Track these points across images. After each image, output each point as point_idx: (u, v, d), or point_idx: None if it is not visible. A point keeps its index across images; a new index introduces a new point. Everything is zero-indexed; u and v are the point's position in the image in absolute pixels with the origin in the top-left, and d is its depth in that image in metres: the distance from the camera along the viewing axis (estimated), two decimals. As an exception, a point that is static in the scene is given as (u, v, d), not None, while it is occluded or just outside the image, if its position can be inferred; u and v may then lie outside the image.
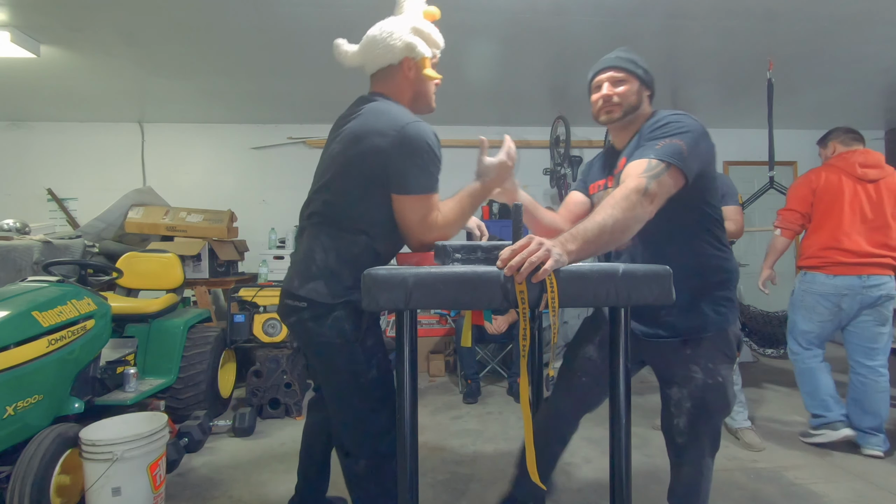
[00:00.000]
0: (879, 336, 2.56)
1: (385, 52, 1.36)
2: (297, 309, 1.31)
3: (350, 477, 1.38)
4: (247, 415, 2.87)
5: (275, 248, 4.53)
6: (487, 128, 5.09)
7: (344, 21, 2.84)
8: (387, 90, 1.40)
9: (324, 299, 1.28)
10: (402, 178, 1.26)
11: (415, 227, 1.30)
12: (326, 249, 1.30)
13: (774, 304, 4.16)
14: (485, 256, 1.16)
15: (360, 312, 1.30)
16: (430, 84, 1.44)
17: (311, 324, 1.29)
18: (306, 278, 1.30)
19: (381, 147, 1.25)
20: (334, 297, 1.28)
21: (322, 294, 1.28)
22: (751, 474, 2.33)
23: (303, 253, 1.35)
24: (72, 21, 2.88)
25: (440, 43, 1.42)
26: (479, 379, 3.76)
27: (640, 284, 1.04)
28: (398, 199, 1.29)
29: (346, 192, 1.31)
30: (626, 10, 2.83)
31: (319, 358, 1.35)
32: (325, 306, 1.28)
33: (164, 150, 4.99)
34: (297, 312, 1.31)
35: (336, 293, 1.28)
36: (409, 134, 1.25)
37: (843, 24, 3.06)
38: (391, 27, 1.35)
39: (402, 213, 1.30)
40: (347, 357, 1.30)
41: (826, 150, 2.85)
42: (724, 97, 4.43)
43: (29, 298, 2.02)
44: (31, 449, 1.73)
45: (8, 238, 3.15)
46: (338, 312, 1.27)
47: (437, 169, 1.32)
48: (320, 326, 1.28)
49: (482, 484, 2.28)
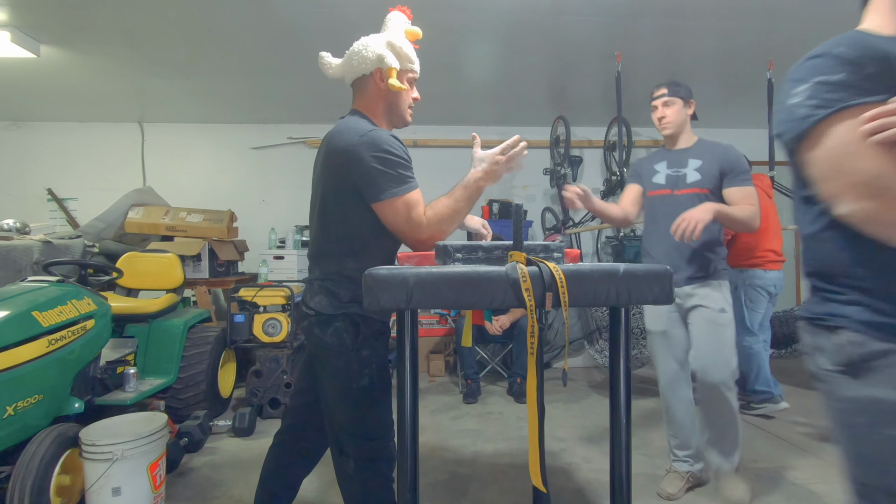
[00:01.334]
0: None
1: (360, 63, 1.42)
2: (307, 315, 1.45)
3: (340, 474, 1.45)
4: (247, 415, 2.87)
5: (275, 248, 4.53)
6: (487, 128, 5.09)
7: (344, 21, 2.84)
8: (362, 103, 1.48)
9: (326, 310, 1.39)
10: (372, 187, 1.31)
11: (403, 228, 1.34)
12: (322, 279, 1.43)
13: (775, 305, 4.16)
14: (485, 256, 1.16)
15: (357, 325, 1.38)
16: (402, 96, 1.47)
17: (317, 330, 1.41)
18: (312, 294, 1.45)
19: (344, 165, 1.32)
20: (335, 308, 1.39)
21: (325, 306, 1.40)
22: (751, 474, 2.33)
23: (309, 276, 1.50)
24: (72, 21, 2.88)
25: (413, 59, 1.46)
26: (479, 379, 3.76)
27: (640, 284, 1.04)
28: (377, 208, 1.33)
29: (330, 218, 1.40)
30: (626, 10, 2.83)
31: (320, 360, 1.44)
32: (327, 316, 1.39)
33: (164, 150, 4.99)
34: (308, 318, 1.45)
35: (336, 306, 1.39)
36: (365, 144, 1.30)
37: (843, 25, 3.04)
38: (367, 40, 1.42)
39: (386, 220, 1.35)
40: (343, 363, 1.38)
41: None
42: (724, 97, 4.43)
43: (29, 298, 2.02)
44: (31, 449, 1.73)
45: (8, 238, 3.15)
46: (338, 323, 1.38)
47: (406, 168, 1.35)
48: (323, 333, 1.39)
49: (482, 484, 2.29)
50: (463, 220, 1.45)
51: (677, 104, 2.15)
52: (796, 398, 3.44)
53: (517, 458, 2.55)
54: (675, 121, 2.15)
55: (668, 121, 2.15)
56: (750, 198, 2.04)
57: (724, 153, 2.11)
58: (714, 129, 5.34)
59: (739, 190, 2.06)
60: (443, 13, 2.81)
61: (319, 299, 1.41)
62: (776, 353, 3.57)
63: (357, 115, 1.44)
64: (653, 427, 2.95)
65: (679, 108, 2.15)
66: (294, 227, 4.65)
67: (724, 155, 2.11)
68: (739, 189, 2.06)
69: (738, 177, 2.08)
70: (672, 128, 2.16)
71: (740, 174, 2.08)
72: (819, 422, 2.98)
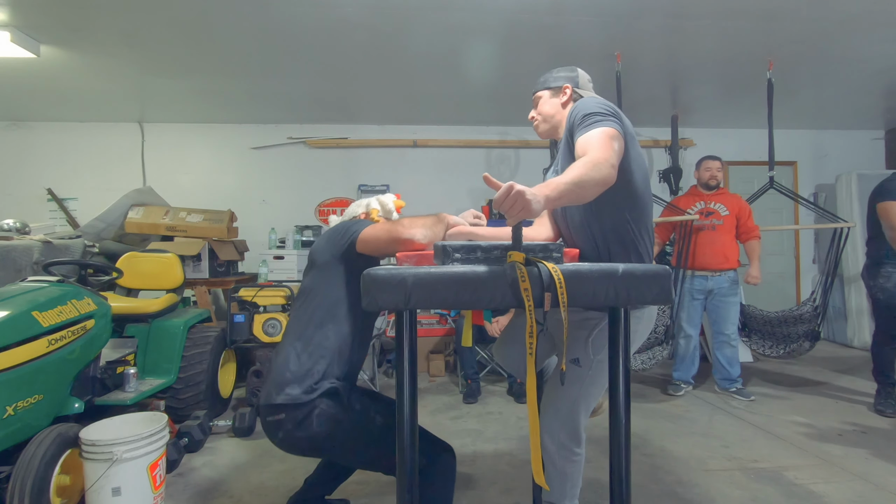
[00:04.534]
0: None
1: (355, 210, 1.76)
2: (279, 423, 1.38)
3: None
4: (247, 415, 2.87)
5: (275, 248, 4.53)
6: (487, 128, 5.10)
7: (344, 21, 2.84)
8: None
9: (301, 400, 1.36)
10: (355, 233, 1.48)
11: (385, 238, 1.43)
12: (300, 354, 1.42)
13: (774, 305, 4.16)
14: (484, 256, 1.16)
15: (338, 394, 1.39)
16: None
17: (300, 433, 1.36)
18: (281, 386, 1.39)
19: (335, 240, 1.52)
20: (310, 393, 1.36)
21: (298, 396, 1.36)
22: (751, 474, 2.33)
23: (279, 364, 1.44)
24: (72, 21, 2.88)
25: (392, 211, 1.73)
26: (479, 379, 3.76)
27: (639, 284, 1.04)
28: (361, 242, 1.46)
29: (312, 292, 1.49)
30: (626, 10, 2.83)
31: (324, 449, 1.45)
32: (304, 406, 1.36)
33: (164, 150, 4.99)
34: (281, 426, 1.38)
35: (310, 389, 1.37)
36: (352, 223, 1.56)
37: (843, 24, 3.06)
38: (362, 201, 1.78)
39: (370, 246, 1.45)
40: (346, 431, 1.39)
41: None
42: (724, 97, 4.43)
43: (29, 298, 2.02)
44: (31, 449, 1.73)
45: (8, 238, 3.15)
46: (319, 409, 1.36)
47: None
48: (308, 429, 1.36)
49: (482, 484, 2.28)
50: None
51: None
52: (797, 398, 3.44)
53: (517, 458, 2.55)
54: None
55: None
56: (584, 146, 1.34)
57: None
58: (714, 129, 5.35)
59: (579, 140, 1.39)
60: (443, 13, 2.81)
61: (290, 390, 1.37)
62: (775, 353, 3.57)
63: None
64: (654, 427, 2.94)
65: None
66: (294, 227, 4.66)
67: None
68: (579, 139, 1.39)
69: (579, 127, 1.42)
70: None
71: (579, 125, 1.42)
72: (819, 422, 2.98)
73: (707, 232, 3.47)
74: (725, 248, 3.45)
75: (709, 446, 2.68)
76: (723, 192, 3.57)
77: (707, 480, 2.29)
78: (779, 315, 3.57)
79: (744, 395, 3.43)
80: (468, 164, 5.08)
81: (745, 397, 3.41)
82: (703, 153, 3.83)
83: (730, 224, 3.47)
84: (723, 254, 3.44)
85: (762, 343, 3.65)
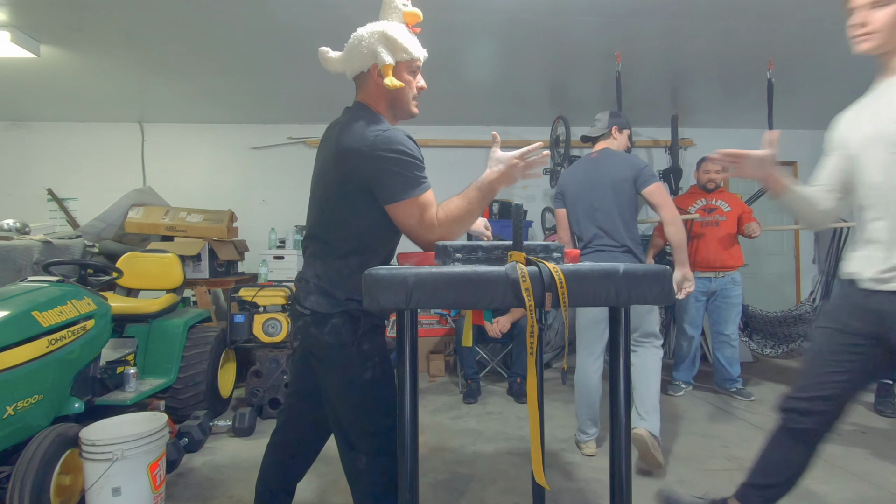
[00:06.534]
0: None
1: (357, 59, 1.40)
2: (301, 315, 1.41)
3: (351, 471, 1.42)
4: (247, 415, 2.87)
5: (275, 248, 4.53)
6: (487, 127, 5.09)
7: (344, 21, 2.82)
8: (365, 96, 1.45)
9: (322, 309, 1.37)
10: (384, 189, 1.30)
11: (415, 229, 1.33)
12: (319, 276, 1.40)
13: (774, 305, 4.16)
14: (485, 256, 1.16)
15: (356, 320, 1.37)
16: (403, 91, 1.43)
17: (313, 329, 1.38)
18: (307, 293, 1.41)
19: (354, 163, 1.31)
20: (331, 307, 1.37)
21: (321, 305, 1.37)
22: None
23: (303, 275, 1.46)
24: (72, 21, 2.88)
25: (410, 50, 1.40)
26: (479, 379, 3.76)
27: (640, 284, 1.04)
28: (390, 210, 1.32)
29: (333, 216, 1.38)
30: (626, 10, 2.83)
31: (319, 358, 1.42)
32: (323, 315, 1.37)
33: (164, 150, 4.99)
34: (303, 318, 1.41)
35: (332, 304, 1.37)
36: (378, 145, 1.28)
37: (843, 24, 3.05)
38: (362, 34, 1.38)
39: (398, 221, 1.34)
40: (344, 360, 1.37)
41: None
42: (724, 97, 4.43)
43: (29, 298, 2.02)
44: (31, 449, 1.73)
45: (8, 238, 3.15)
46: (335, 320, 1.36)
47: (419, 169, 1.33)
48: (320, 332, 1.37)
49: (482, 484, 2.28)
50: (475, 220, 1.42)
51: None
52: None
53: (517, 458, 2.55)
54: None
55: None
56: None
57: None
58: (714, 129, 5.35)
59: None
60: (443, 13, 2.82)
61: (315, 299, 1.38)
62: (775, 353, 3.57)
63: (363, 109, 1.40)
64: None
65: None
66: (294, 227, 4.65)
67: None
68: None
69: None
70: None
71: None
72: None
73: (711, 228, 3.47)
74: (728, 245, 3.45)
75: (709, 446, 2.68)
76: (723, 192, 3.58)
77: (707, 480, 2.29)
78: (779, 315, 3.58)
79: (744, 395, 3.43)
80: (468, 164, 5.08)
81: (746, 397, 3.41)
82: (702, 153, 3.83)
83: (732, 221, 3.47)
84: (726, 251, 3.44)
85: (764, 343, 3.65)
